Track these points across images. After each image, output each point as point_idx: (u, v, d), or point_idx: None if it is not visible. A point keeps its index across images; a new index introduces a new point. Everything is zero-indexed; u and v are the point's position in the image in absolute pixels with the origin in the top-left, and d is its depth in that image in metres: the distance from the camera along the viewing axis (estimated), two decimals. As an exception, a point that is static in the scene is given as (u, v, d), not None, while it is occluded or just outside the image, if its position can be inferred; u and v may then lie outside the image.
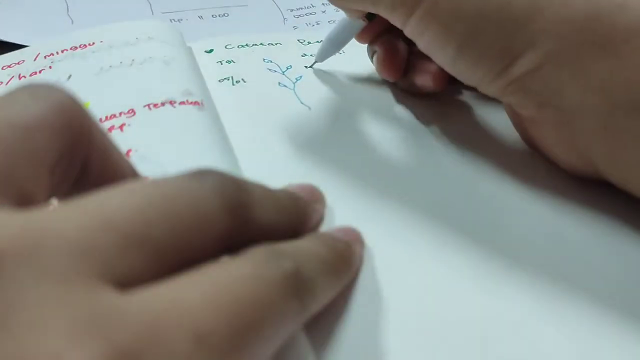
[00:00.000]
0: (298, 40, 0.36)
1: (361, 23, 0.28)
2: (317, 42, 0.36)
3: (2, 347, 0.10)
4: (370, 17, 0.28)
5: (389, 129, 0.28)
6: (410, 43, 0.28)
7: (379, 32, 0.29)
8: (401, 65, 0.29)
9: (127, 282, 0.12)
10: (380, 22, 0.27)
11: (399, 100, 0.30)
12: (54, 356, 0.10)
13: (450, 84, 0.28)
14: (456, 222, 0.22)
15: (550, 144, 0.24)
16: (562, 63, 0.21)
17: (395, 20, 0.24)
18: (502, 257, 0.21)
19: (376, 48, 0.29)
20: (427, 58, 0.25)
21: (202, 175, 0.15)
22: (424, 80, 0.28)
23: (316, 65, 0.32)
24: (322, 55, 0.32)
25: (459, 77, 0.24)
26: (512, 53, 0.21)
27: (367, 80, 0.32)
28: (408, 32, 0.24)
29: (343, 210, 0.22)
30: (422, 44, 0.24)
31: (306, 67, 0.33)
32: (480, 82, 0.23)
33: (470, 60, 0.22)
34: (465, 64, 0.23)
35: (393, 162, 0.25)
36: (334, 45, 0.31)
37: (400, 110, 0.29)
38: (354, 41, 0.30)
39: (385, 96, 0.30)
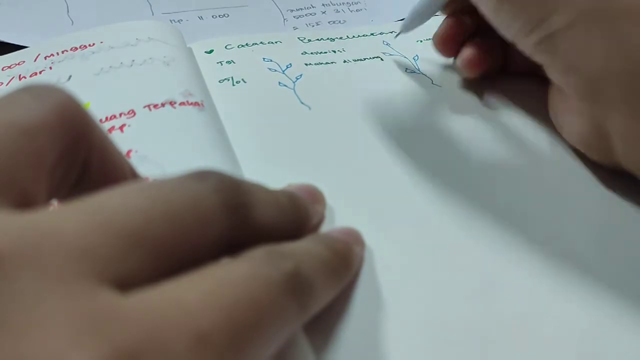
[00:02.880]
0: (298, 38, 0.36)
1: None
2: (318, 40, 0.36)
3: (2, 347, 0.10)
4: None
5: (388, 129, 0.28)
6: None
7: (463, 6, 0.30)
8: (454, 44, 0.30)
9: (127, 282, 0.12)
10: None
11: (400, 99, 0.30)
12: (54, 357, 0.10)
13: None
14: (457, 221, 0.22)
15: (571, 121, 0.24)
16: (594, 22, 0.21)
17: None
18: (504, 257, 0.21)
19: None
20: (472, 41, 0.26)
21: (202, 175, 0.15)
22: (458, 63, 0.30)
23: (401, 36, 0.32)
24: (408, 26, 0.31)
25: (500, 29, 0.25)
26: (549, 5, 0.22)
27: (365, 79, 0.32)
28: None
29: (343, 210, 0.22)
30: None
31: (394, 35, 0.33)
32: (516, 35, 0.24)
33: (511, 10, 0.23)
34: (505, 14, 0.24)
35: (393, 162, 0.25)
36: (421, 16, 0.31)
37: (401, 110, 0.29)
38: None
39: (386, 96, 0.30)
